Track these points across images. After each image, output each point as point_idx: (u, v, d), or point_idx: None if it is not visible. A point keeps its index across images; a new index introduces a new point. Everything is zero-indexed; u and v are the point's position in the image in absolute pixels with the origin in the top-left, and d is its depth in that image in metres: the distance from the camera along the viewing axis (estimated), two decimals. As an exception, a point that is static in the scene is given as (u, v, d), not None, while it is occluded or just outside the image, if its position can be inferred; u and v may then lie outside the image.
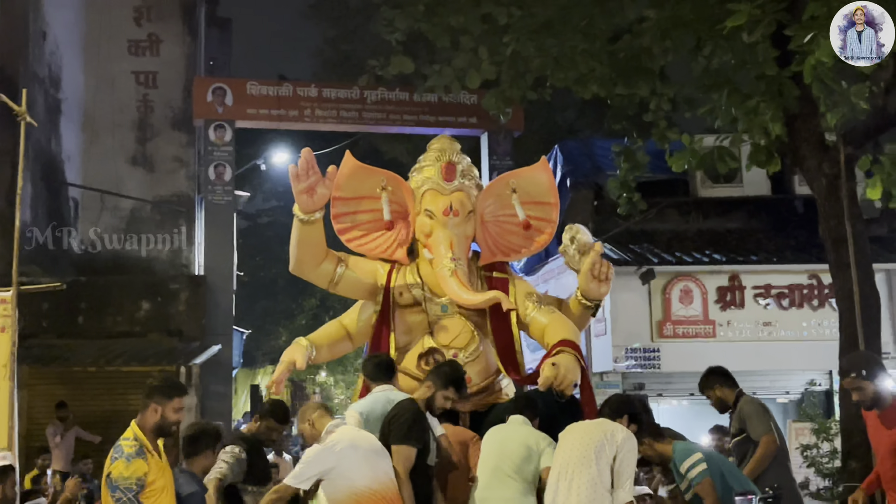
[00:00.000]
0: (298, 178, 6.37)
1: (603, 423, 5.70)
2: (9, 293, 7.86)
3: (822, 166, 9.96)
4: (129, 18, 18.08)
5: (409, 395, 6.00)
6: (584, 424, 5.77)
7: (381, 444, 5.61)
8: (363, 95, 17.40)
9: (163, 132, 18.04)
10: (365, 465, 5.45)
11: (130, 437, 5.43)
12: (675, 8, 9.36)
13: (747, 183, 15.65)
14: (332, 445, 5.53)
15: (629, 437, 5.57)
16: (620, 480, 5.44)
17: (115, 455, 5.38)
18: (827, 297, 14.21)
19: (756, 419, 7.01)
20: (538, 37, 9.85)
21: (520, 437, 5.84)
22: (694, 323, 14.66)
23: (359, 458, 5.46)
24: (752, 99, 9.61)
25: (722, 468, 6.10)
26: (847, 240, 9.59)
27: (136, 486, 5.27)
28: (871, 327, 9.78)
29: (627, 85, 10.67)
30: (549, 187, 7.30)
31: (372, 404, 5.98)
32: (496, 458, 5.74)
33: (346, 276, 6.91)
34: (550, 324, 6.74)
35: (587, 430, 5.63)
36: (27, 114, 8.27)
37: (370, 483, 5.42)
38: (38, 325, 14.46)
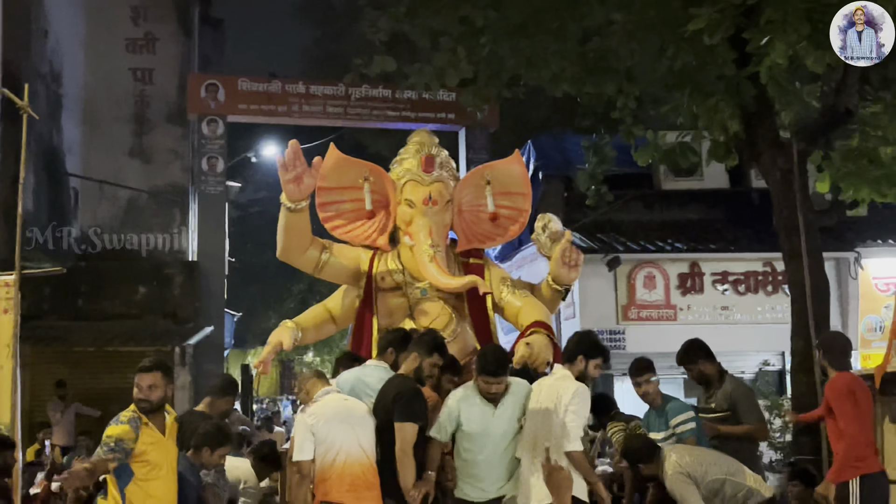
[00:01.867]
0: (286, 168, 6.33)
1: (559, 382, 5.61)
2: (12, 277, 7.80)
3: (777, 161, 9.99)
4: (126, 18, 17.97)
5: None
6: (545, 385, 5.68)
7: (363, 413, 5.57)
8: (348, 92, 17.34)
9: (158, 126, 17.95)
10: (337, 437, 5.43)
11: (131, 409, 5.46)
12: (641, 12, 9.35)
13: (707, 176, 15.70)
14: (306, 418, 5.54)
15: (579, 392, 5.50)
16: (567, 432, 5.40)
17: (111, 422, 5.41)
18: (780, 284, 14.28)
19: (748, 404, 6.95)
20: (513, 38, 9.82)
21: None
22: (656, 307, 14.72)
23: (331, 430, 5.45)
24: (711, 98, 9.62)
25: (700, 433, 6.29)
26: (799, 230, 9.63)
27: (114, 445, 5.26)
28: (821, 312, 9.83)
29: (596, 84, 10.65)
30: (522, 179, 7.31)
31: (341, 382, 5.96)
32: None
33: (331, 262, 6.89)
34: (524, 307, 6.77)
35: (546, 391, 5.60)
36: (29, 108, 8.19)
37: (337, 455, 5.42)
38: (40, 307, 14.35)
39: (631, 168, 13.51)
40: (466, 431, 5.57)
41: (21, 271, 7.86)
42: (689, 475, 5.82)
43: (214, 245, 16.93)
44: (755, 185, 15.29)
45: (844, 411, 5.97)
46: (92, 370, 14.09)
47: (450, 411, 5.61)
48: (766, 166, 10.22)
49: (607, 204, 12.81)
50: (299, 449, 5.50)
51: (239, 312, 25.26)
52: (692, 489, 5.77)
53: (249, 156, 24.56)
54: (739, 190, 15.98)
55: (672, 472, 5.84)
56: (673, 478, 5.82)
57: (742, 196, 15.89)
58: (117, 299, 15.28)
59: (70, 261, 15.01)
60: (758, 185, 14.78)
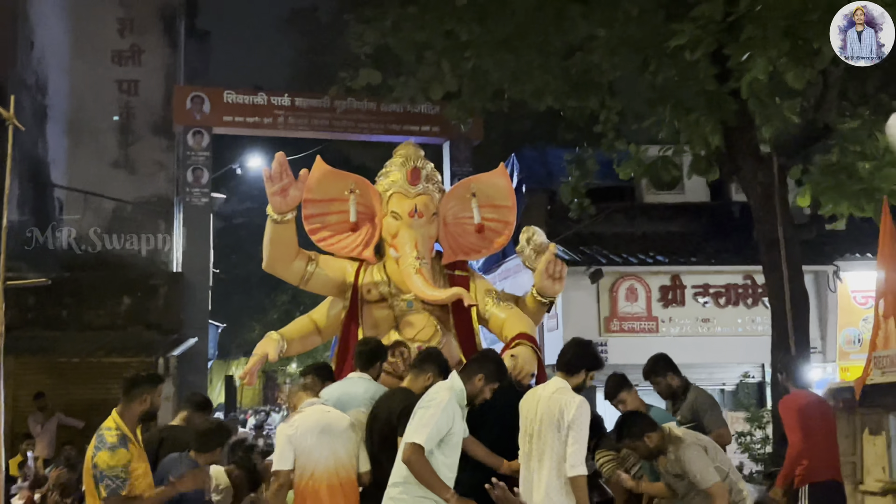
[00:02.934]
0: (272, 180, 6.32)
1: (559, 395, 5.37)
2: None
3: (758, 175, 10.05)
4: (113, 30, 17.88)
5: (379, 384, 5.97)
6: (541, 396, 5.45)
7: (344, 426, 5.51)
8: (333, 105, 17.32)
9: (144, 137, 17.85)
10: (315, 449, 5.41)
11: (112, 426, 5.36)
12: (624, 27, 9.40)
13: (688, 190, 15.79)
14: (287, 428, 5.53)
15: (582, 408, 5.26)
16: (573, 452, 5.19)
17: (97, 445, 5.30)
18: (760, 296, 14.35)
19: (711, 412, 6.85)
20: (497, 52, 9.86)
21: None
22: (638, 319, 14.75)
23: (309, 442, 5.42)
24: (693, 113, 9.68)
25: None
26: (779, 243, 9.69)
27: (124, 474, 5.21)
28: (801, 324, 9.89)
29: (579, 98, 10.71)
30: (506, 192, 7.31)
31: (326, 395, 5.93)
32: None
33: (317, 274, 6.87)
34: (508, 318, 6.76)
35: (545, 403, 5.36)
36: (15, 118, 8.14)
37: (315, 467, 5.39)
38: (25, 317, 14.24)
39: (613, 181, 13.55)
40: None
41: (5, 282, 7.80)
42: (704, 447, 5.64)
43: (199, 256, 16.84)
44: (736, 198, 15.37)
45: (791, 426, 6.46)
46: (76, 381, 13.97)
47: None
48: (746, 180, 10.29)
49: (590, 217, 12.86)
50: (279, 458, 5.50)
51: (223, 323, 25.13)
52: (708, 461, 5.53)
53: (235, 167, 24.50)
54: (720, 203, 16.06)
55: (688, 442, 5.59)
56: (688, 446, 5.56)
57: (723, 209, 15.97)
58: (101, 310, 15.18)
59: (55, 272, 14.90)
60: (738, 198, 14.87)
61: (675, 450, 5.56)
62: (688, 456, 5.52)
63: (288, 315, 24.39)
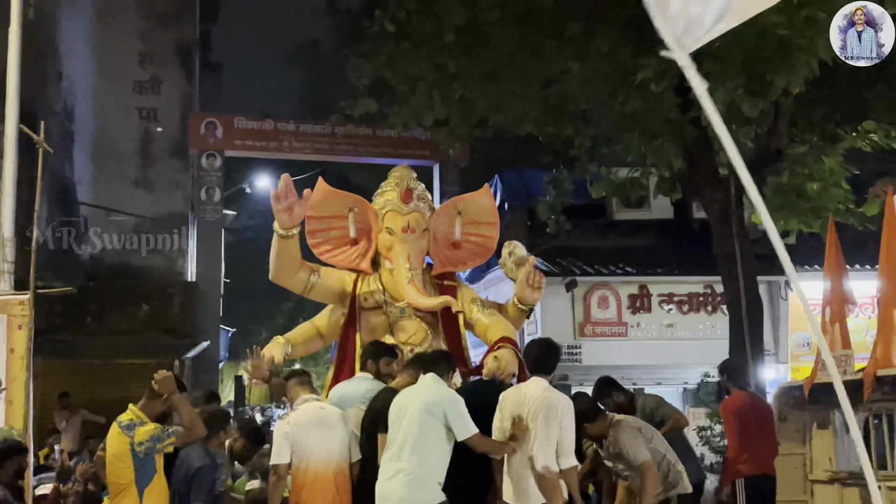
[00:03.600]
0: (278, 199, 6.33)
1: (547, 393, 5.38)
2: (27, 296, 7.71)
3: (716, 195, 10.10)
4: (134, 62, 17.89)
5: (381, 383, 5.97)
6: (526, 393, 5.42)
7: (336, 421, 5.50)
8: (334, 130, 17.33)
9: (162, 159, 17.86)
10: (309, 443, 5.38)
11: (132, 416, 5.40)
12: (596, 62, 9.44)
13: (654, 208, 15.83)
14: (283, 425, 5.49)
15: (569, 405, 5.32)
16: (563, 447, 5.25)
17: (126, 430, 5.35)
18: (719, 304, 14.37)
19: (660, 408, 6.92)
20: (482, 84, 9.90)
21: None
22: (609, 324, 14.78)
23: (304, 437, 5.40)
24: (658, 139, 9.72)
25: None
26: (736, 256, 9.73)
27: (157, 437, 5.29)
28: (755, 329, 9.93)
29: (556, 125, 10.74)
30: (490, 210, 7.33)
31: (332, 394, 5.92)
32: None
33: (319, 284, 6.86)
34: (492, 324, 6.77)
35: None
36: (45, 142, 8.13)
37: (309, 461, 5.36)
38: (52, 323, 14.15)
39: (587, 200, 13.60)
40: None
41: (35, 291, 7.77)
42: (639, 429, 5.73)
43: (211, 267, 16.84)
44: (697, 216, 15.40)
45: (730, 429, 6.71)
46: (98, 381, 13.89)
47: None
48: (706, 199, 10.33)
49: (566, 232, 12.88)
50: (276, 454, 5.46)
51: (233, 328, 25.03)
52: (640, 439, 5.63)
53: (244, 187, 24.45)
54: (683, 220, 16.10)
55: (624, 423, 5.70)
56: (624, 427, 5.66)
57: (685, 226, 16.02)
58: (122, 316, 15.11)
59: (80, 281, 14.84)
60: (699, 216, 14.89)
61: (614, 432, 5.68)
62: (622, 436, 5.62)
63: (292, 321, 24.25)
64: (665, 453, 5.95)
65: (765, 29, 7.72)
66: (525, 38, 9.55)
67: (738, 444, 6.67)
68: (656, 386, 13.56)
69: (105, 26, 17.92)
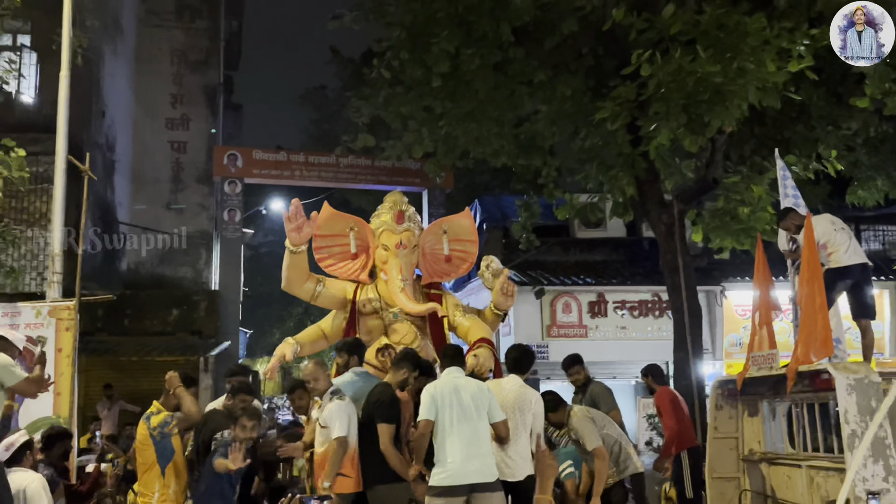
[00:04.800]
0: (289, 220, 6.32)
1: (524, 389, 5.36)
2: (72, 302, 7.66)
3: (662, 217, 10.13)
4: (167, 103, 17.90)
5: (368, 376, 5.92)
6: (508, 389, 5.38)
7: None
8: (338, 161, 17.31)
9: (190, 186, 17.82)
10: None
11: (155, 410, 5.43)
12: (560, 104, 9.49)
13: (610, 228, 15.84)
14: (346, 406, 5.28)
15: (540, 399, 5.38)
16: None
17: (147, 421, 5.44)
18: (665, 310, 14.40)
19: (605, 400, 6.94)
20: (464, 122, 9.91)
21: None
22: (572, 327, 14.76)
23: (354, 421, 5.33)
24: (613, 169, 9.77)
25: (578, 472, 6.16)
26: (679, 269, 9.75)
27: (165, 422, 5.38)
28: (695, 331, 9.95)
29: (527, 158, 10.78)
30: (471, 230, 7.34)
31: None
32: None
33: (324, 293, 6.85)
34: (472, 326, 6.77)
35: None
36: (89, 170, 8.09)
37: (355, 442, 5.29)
38: (95, 325, 14.02)
39: (553, 221, 13.63)
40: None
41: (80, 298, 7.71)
42: (592, 419, 5.79)
43: (232, 278, 16.76)
44: (646, 234, 15.47)
45: (667, 411, 7.00)
46: (135, 375, 13.77)
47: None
48: (654, 221, 10.37)
49: (535, 248, 12.89)
50: (348, 429, 5.21)
51: (250, 330, 24.89)
52: (593, 427, 5.71)
53: (261, 209, 24.39)
54: (634, 239, 16.15)
55: (579, 414, 5.78)
56: (579, 416, 5.73)
57: (636, 243, 16.06)
58: (155, 319, 14.98)
59: (119, 289, 14.72)
60: (648, 235, 14.98)
61: (571, 421, 5.78)
62: (579, 425, 5.71)
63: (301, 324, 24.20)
64: (617, 438, 5.94)
65: (703, 77, 7.78)
66: (500, 84, 9.59)
67: (676, 424, 6.98)
68: (612, 379, 13.53)
69: (142, 71, 17.91)
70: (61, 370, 7.43)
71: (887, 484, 4.36)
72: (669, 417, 7.00)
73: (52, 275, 7.99)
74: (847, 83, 9.60)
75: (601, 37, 9.31)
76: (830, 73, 9.55)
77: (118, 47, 17.00)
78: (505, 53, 9.42)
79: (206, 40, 18.50)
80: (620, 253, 16.04)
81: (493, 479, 4.86)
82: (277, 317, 30.82)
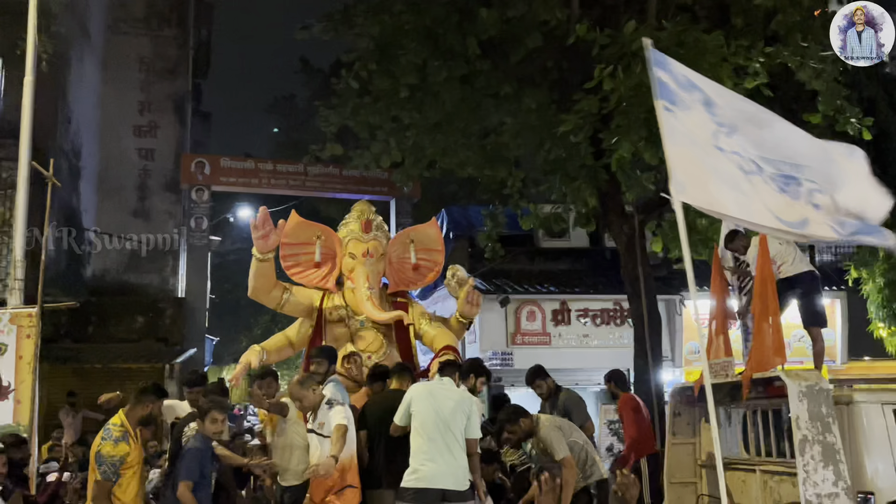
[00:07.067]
0: (256, 228, 6.27)
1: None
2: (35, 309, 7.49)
3: (623, 228, 10.22)
4: (134, 110, 17.67)
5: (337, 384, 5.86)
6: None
7: None
8: (306, 170, 17.24)
9: (157, 193, 17.60)
10: None
11: (118, 423, 5.18)
12: (525, 117, 9.52)
13: (573, 238, 15.92)
14: (346, 410, 5.21)
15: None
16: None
17: (104, 436, 5.12)
18: (626, 318, 14.47)
19: (577, 409, 6.87)
20: (431, 133, 9.90)
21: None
22: (536, 335, 14.80)
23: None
24: (576, 181, 9.81)
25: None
26: (639, 278, 9.84)
27: (118, 462, 5.00)
28: (655, 339, 10.03)
29: (492, 169, 10.78)
30: (437, 239, 7.35)
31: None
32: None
33: (291, 300, 6.80)
34: (438, 334, 6.77)
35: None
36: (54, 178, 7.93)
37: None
38: (58, 332, 13.74)
39: (518, 231, 13.61)
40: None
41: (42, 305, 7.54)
42: (559, 427, 5.74)
43: (198, 285, 16.58)
44: (608, 245, 15.58)
45: (629, 419, 7.12)
46: (99, 383, 13.43)
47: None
48: (615, 232, 10.44)
49: (500, 257, 12.90)
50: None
51: (217, 337, 24.56)
52: (560, 436, 5.63)
53: (228, 217, 24.16)
54: (597, 248, 16.26)
55: (548, 423, 5.69)
56: (547, 426, 5.65)
57: (598, 253, 16.18)
58: (120, 326, 14.72)
59: (82, 296, 14.43)
60: (610, 245, 15.08)
61: (539, 431, 5.68)
62: (547, 435, 5.63)
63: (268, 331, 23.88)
64: (584, 445, 5.95)
65: (662, 92, 7.85)
66: (467, 97, 9.61)
67: (638, 431, 7.09)
68: (575, 386, 13.56)
69: (110, 78, 17.65)
70: (22, 378, 7.25)
71: (837, 489, 4.43)
72: (630, 426, 7.11)
73: (14, 281, 7.81)
74: (801, 100, 9.80)
75: (565, 51, 9.39)
76: (785, 90, 9.74)
77: (86, 54, 16.72)
78: (472, 66, 9.45)
79: (175, 48, 18.31)
80: (583, 263, 16.12)
81: (465, 488, 4.85)
82: (245, 324, 30.42)
